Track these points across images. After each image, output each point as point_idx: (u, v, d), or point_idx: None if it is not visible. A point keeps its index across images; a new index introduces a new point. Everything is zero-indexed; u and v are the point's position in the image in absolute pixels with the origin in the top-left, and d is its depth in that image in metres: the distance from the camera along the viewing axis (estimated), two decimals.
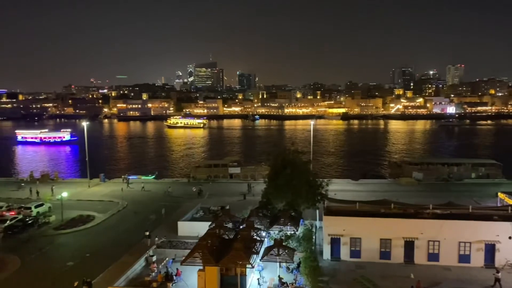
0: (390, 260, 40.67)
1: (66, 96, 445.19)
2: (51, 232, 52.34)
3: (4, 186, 78.51)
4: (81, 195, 70.66)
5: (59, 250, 46.81)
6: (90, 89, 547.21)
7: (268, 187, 47.73)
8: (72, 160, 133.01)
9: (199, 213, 54.28)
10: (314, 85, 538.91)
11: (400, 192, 66.06)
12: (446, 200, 51.36)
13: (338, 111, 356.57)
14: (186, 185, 77.81)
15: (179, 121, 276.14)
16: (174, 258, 40.59)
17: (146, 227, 49.84)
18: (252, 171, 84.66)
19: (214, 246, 35.04)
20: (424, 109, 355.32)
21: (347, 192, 65.49)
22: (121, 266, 39.00)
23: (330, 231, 41.93)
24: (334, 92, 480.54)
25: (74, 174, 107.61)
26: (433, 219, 41.32)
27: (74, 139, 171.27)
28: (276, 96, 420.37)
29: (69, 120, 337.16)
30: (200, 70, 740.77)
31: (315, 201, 47.16)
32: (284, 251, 35.28)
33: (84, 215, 58.51)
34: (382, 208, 44.31)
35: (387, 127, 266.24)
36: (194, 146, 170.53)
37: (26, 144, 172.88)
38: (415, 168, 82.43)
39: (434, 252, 40.31)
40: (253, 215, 43.76)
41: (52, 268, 41.38)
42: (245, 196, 65.90)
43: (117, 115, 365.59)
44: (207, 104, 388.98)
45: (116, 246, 46.32)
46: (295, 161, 47.93)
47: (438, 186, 74.05)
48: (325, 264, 40.36)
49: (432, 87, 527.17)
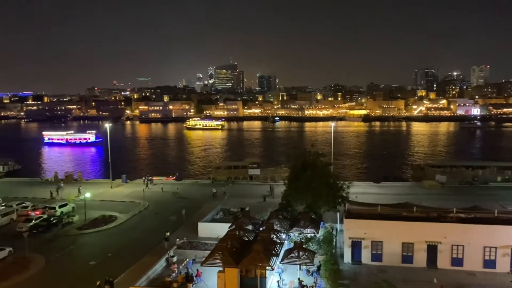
0: (412, 264, 39.96)
1: (90, 98, 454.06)
2: (75, 232, 53.36)
3: (30, 186, 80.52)
4: (103, 196, 71.86)
5: (82, 250, 47.70)
6: (113, 92, 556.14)
7: (288, 189, 47.56)
8: (96, 161, 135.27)
9: (219, 215, 54.49)
10: (334, 87, 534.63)
11: (423, 195, 64.97)
12: (471, 203, 50.18)
13: (359, 112, 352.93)
14: (208, 186, 78.24)
15: (197, 122, 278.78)
16: (195, 259, 40.82)
17: (167, 228, 50.32)
18: (272, 173, 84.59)
19: (234, 248, 35.08)
20: (448, 111, 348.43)
21: (368, 195, 64.75)
22: (142, 266, 39.44)
23: (351, 234, 41.47)
24: (355, 94, 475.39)
25: (97, 174, 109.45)
26: (457, 223, 40.43)
27: (99, 140, 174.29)
28: (296, 98, 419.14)
29: (92, 122, 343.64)
30: (220, 72, 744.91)
31: (335, 203, 46.77)
32: (304, 254, 35.06)
33: (106, 216, 59.45)
34: (404, 211, 43.61)
35: (409, 129, 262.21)
36: (214, 148, 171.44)
37: (53, 145, 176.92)
38: (439, 171, 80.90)
39: (458, 257, 39.43)
40: (273, 217, 43.62)
41: (75, 267, 42.19)
42: (265, 198, 65.82)
43: (139, 117, 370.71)
44: (227, 106, 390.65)
45: (137, 246, 46.90)
46: (315, 163, 47.63)
47: (462, 189, 72.50)
48: (345, 267, 39.95)
49: (456, 89, 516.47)
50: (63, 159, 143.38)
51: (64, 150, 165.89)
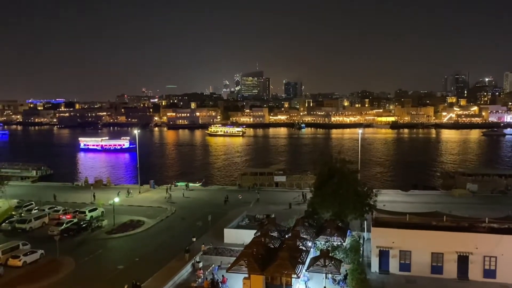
0: (442, 275, 38.92)
1: (119, 105, 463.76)
2: (103, 236, 54.47)
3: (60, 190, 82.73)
4: (132, 201, 73.09)
5: (110, 254, 48.61)
6: (142, 99, 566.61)
7: (315, 196, 47.23)
8: (129, 167, 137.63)
9: (245, 221, 54.57)
10: (362, 93, 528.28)
11: (453, 204, 63.23)
12: (504, 213, 48.53)
13: (387, 119, 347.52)
14: (235, 192, 78.53)
15: (219, 129, 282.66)
16: (220, 265, 40.97)
17: (193, 233, 50.77)
18: (298, 179, 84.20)
19: (260, 255, 35.03)
20: (479, 118, 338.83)
21: (396, 203, 63.49)
22: (168, 271, 39.87)
23: (378, 243, 40.77)
24: (383, 100, 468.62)
25: (129, 180, 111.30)
26: (489, 233, 39.22)
27: (133, 146, 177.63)
28: (322, 104, 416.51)
29: (122, 128, 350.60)
30: (246, 79, 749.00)
31: (363, 211, 46.11)
32: (331, 262, 34.68)
33: (134, 220, 60.44)
34: (433, 220, 42.57)
35: (439, 136, 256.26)
36: (238, 154, 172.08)
37: (88, 151, 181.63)
38: (469, 179, 78.71)
39: (490, 268, 38.17)
40: (299, 224, 43.37)
41: (103, 271, 43.00)
42: (291, 205, 65.50)
43: (166, 124, 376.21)
44: (253, 112, 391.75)
45: (164, 251, 47.42)
46: (342, 170, 47.18)
47: (495, 198, 70.23)
48: (373, 277, 39.26)
49: (488, 95, 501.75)
50: (97, 164, 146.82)
51: (99, 155, 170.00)
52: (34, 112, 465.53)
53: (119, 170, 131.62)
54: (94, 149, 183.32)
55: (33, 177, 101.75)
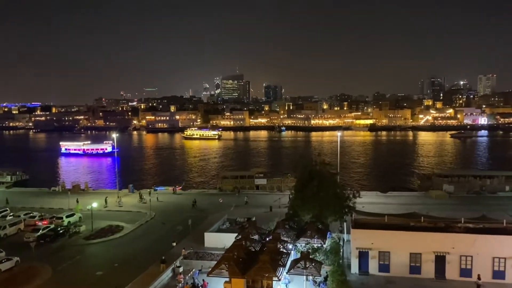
0: (420, 275, 39.58)
1: (97, 109, 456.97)
2: (81, 242, 53.54)
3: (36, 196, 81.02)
4: (110, 206, 72.04)
5: (89, 260, 47.80)
6: (120, 102, 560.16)
7: (295, 199, 47.44)
8: (111, 171, 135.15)
9: (226, 225, 54.43)
10: (340, 96, 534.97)
11: (430, 205, 64.49)
12: (479, 213, 49.75)
13: (366, 122, 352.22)
14: (215, 196, 78.36)
15: (195, 132, 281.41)
16: (201, 269, 40.74)
17: (173, 238, 50.37)
18: (278, 182, 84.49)
19: (241, 258, 35.00)
20: (455, 120, 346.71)
21: (375, 205, 64.35)
22: (148, 276, 39.44)
23: (358, 244, 41.22)
24: (361, 103, 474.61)
25: (108, 184, 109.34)
26: (465, 233, 40.11)
27: (116, 150, 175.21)
28: (302, 107, 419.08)
29: (100, 132, 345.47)
30: (226, 82, 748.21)
31: (342, 213, 46.57)
32: (311, 264, 34.89)
33: (113, 225, 59.64)
34: (411, 221, 43.30)
35: (416, 138, 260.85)
36: (217, 158, 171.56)
37: (70, 156, 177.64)
38: (446, 180, 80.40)
39: (466, 268, 39.02)
40: (280, 227, 43.52)
41: (82, 277, 42.24)
42: (272, 207, 65.64)
43: (145, 127, 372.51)
44: (233, 115, 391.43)
45: (144, 256, 46.90)
46: (322, 173, 47.53)
47: (470, 199, 71.92)
48: (353, 278, 39.65)
49: (463, 98, 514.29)
50: (78, 169, 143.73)
51: (80, 160, 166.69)
52: (9, 116, 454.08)
53: (100, 175, 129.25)
54: (75, 154, 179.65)
55: (8, 183, 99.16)
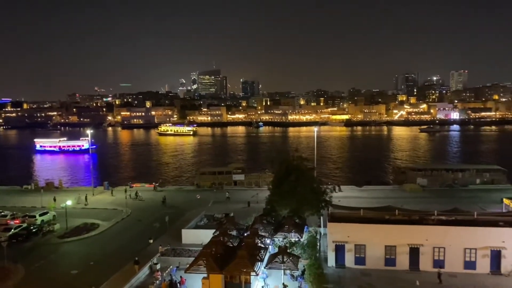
0: (395, 267, 40.41)
1: (71, 105, 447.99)
2: (56, 241, 52.45)
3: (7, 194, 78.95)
4: (83, 204, 70.69)
5: (63, 259, 46.87)
6: (94, 98, 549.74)
7: (273, 194, 47.69)
8: (87, 168, 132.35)
9: (203, 221, 54.24)
10: (317, 92, 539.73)
11: (404, 199, 65.82)
12: (451, 206, 51.16)
13: (342, 117, 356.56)
14: (192, 192, 77.96)
15: (169, 128, 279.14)
16: (178, 266, 40.53)
17: (150, 235, 49.92)
18: (256, 178, 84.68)
19: (219, 254, 34.99)
20: (428, 115, 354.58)
21: (351, 199, 65.20)
22: (125, 274, 38.99)
23: (334, 238, 41.78)
24: (337, 99, 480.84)
25: (83, 182, 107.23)
26: (438, 226, 41.15)
27: (93, 147, 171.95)
28: (279, 103, 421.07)
29: (74, 129, 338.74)
30: (203, 77, 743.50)
31: (319, 207, 47.08)
32: (289, 258, 35.17)
33: (88, 223, 58.68)
34: (386, 214, 44.15)
35: (390, 133, 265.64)
36: (194, 154, 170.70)
37: (45, 153, 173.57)
38: (419, 174, 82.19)
39: (439, 259, 40.04)
40: (258, 222, 43.68)
41: (56, 277, 41.39)
42: (249, 203, 65.79)
43: (121, 123, 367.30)
44: (210, 111, 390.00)
45: (121, 254, 46.32)
46: (299, 168, 47.89)
47: (443, 192, 73.74)
48: (329, 271, 40.17)
49: (436, 93, 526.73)
50: (53, 166, 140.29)
51: (56, 157, 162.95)
52: None
53: (76, 172, 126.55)
54: (51, 151, 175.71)
55: None
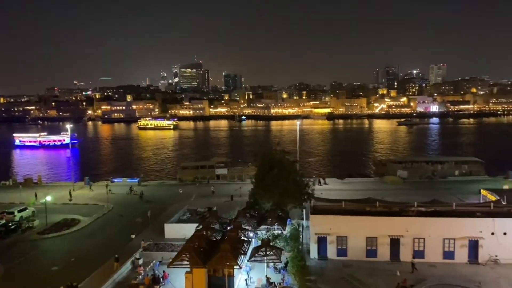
0: (376, 258, 41.03)
1: (49, 99, 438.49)
2: (35, 237, 51.58)
3: None
4: (66, 199, 69.73)
5: (43, 255, 46.16)
6: (74, 91, 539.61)
7: (256, 187, 47.78)
8: (69, 164, 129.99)
9: (186, 215, 54.01)
10: (299, 86, 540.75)
11: (385, 191, 66.76)
12: (431, 197, 52.08)
13: (324, 111, 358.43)
14: (175, 186, 77.58)
15: (149, 122, 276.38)
16: (161, 260, 40.36)
17: (132, 230, 49.53)
18: (239, 172, 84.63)
19: (202, 248, 34.95)
20: (408, 108, 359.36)
21: (333, 191, 65.91)
22: (107, 270, 38.64)
23: (316, 230, 42.15)
24: (319, 92, 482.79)
25: (64, 177, 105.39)
26: (418, 217, 41.86)
27: (74, 142, 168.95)
28: (262, 96, 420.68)
29: (53, 123, 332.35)
30: (185, 71, 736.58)
31: (302, 200, 47.40)
32: (272, 251, 35.37)
33: (69, 219, 57.86)
34: (367, 206, 44.67)
35: (371, 126, 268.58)
36: (175, 148, 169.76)
37: (25, 148, 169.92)
38: (400, 166, 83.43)
39: (419, 249, 40.82)
40: (241, 216, 43.75)
41: (36, 273, 40.77)
42: (232, 197, 65.81)
43: (101, 117, 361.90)
44: (192, 105, 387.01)
45: (102, 250, 45.86)
46: (282, 161, 48.09)
47: (423, 184, 75.03)
48: (312, 263, 40.55)
49: (416, 86, 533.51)
50: (33, 161, 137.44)
51: (36, 152, 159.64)
52: None
53: (56, 167, 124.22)
54: (31, 146, 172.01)
55: None
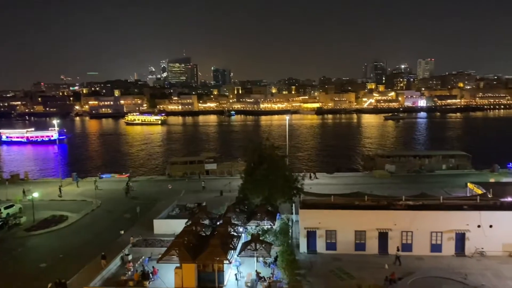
0: (365, 252, 41.40)
1: (35, 94, 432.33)
2: (22, 234, 51.02)
3: None
4: (53, 195, 69.03)
5: (31, 252, 45.72)
6: (60, 87, 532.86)
7: (245, 182, 47.79)
8: (57, 160, 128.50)
9: (175, 211, 53.87)
10: (289, 80, 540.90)
11: (373, 185, 67.29)
12: (418, 191, 52.65)
13: (313, 106, 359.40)
14: (162, 182, 77.26)
15: (136, 117, 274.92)
16: (150, 256, 40.18)
17: (121, 226, 49.26)
18: (228, 167, 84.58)
19: (191, 243, 34.90)
20: (396, 103, 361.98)
21: (322, 186, 66.21)
22: (96, 266, 38.40)
23: (306, 224, 42.35)
24: (309, 87, 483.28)
25: (51, 173, 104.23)
26: (405, 210, 42.28)
27: (62, 137, 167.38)
28: (251, 91, 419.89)
29: (39, 119, 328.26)
30: (173, 65, 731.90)
31: (291, 195, 47.54)
32: (261, 246, 35.44)
33: (57, 215, 57.30)
34: (356, 200, 45.00)
35: (360, 121, 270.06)
36: (164, 143, 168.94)
37: (12, 144, 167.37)
38: (388, 160, 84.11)
39: (407, 243, 41.25)
40: (230, 211, 43.75)
41: (24, 271, 40.37)
42: (222, 192, 65.75)
43: (89, 113, 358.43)
44: (181, 100, 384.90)
45: (91, 246, 45.56)
46: (271, 156, 48.16)
47: (410, 178, 75.72)
48: (301, 257, 40.76)
49: (404, 81, 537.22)
50: (20, 158, 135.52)
51: (24, 148, 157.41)
52: None
53: (44, 164, 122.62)
54: (18, 142, 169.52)
55: None
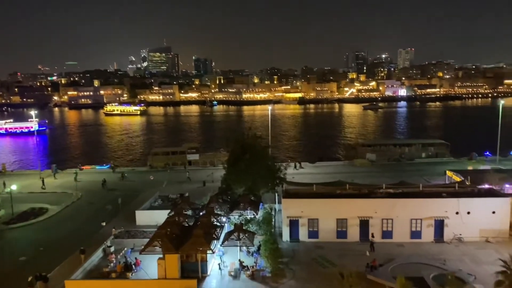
0: (346, 239, 42.00)
1: (12, 84, 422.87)
2: (1, 227, 50.07)
3: None
4: (32, 187, 67.86)
5: (10, 245, 44.95)
6: (38, 77, 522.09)
7: (228, 172, 47.80)
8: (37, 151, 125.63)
9: (158, 202, 53.58)
10: (270, 70, 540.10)
11: (354, 173, 68.08)
12: (398, 179, 53.56)
13: (295, 96, 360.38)
14: (146, 173, 76.67)
15: (115, 108, 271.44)
16: (133, 247, 40.00)
17: (102, 218, 48.82)
18: (211, 157, 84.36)
19: (174, 234, 34.86)
20: (377, 92, 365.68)
21: (304, 175, 66.71)
22: (77, 258, 38.01)
23: (288, 213, 42.69)
24: (291, 77, 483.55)
25: (31, 165, 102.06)
26: (386, 198, 43.00)
27: (43, 129, 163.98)
28: (233, 81, 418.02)
29: (16, 110, 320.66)
30: (154, 55, 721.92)
31: (274, 184, 47.79)
32: (244, 235, 35.64)
33: (36, 208, 56.35)
34: (337, 189, 45.55)
35: (341, 110, 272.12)
36: (144, 134, 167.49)
37: None
38: (369, 149, 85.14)
39: (388, 230, 42.01)
40: (213, 201, 43.78)
41: (3, 264, 39.70)
42: (205, 182, 65.61)
43: (68, 103, 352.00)
44: (162, 90, 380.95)
45: (72, 238, 44.99)
46: (254, 146, 48.21)
47: (391, 166, 76.88)
48: (284, 246, 41.12)
49: (384, 71, 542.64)
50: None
51: (2, 140, 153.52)
52: None
53: (23, 155, 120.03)
54: None
55: None
